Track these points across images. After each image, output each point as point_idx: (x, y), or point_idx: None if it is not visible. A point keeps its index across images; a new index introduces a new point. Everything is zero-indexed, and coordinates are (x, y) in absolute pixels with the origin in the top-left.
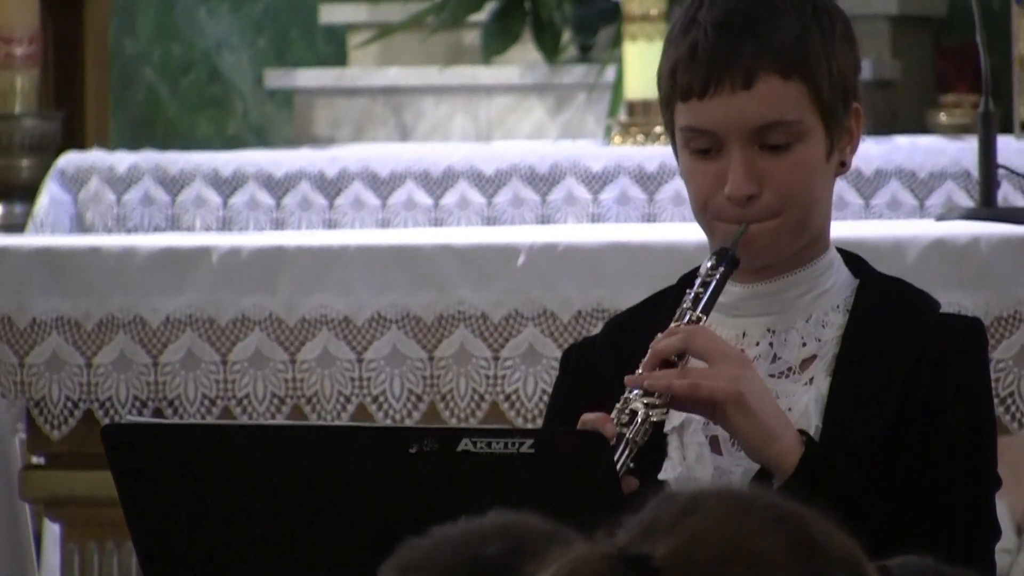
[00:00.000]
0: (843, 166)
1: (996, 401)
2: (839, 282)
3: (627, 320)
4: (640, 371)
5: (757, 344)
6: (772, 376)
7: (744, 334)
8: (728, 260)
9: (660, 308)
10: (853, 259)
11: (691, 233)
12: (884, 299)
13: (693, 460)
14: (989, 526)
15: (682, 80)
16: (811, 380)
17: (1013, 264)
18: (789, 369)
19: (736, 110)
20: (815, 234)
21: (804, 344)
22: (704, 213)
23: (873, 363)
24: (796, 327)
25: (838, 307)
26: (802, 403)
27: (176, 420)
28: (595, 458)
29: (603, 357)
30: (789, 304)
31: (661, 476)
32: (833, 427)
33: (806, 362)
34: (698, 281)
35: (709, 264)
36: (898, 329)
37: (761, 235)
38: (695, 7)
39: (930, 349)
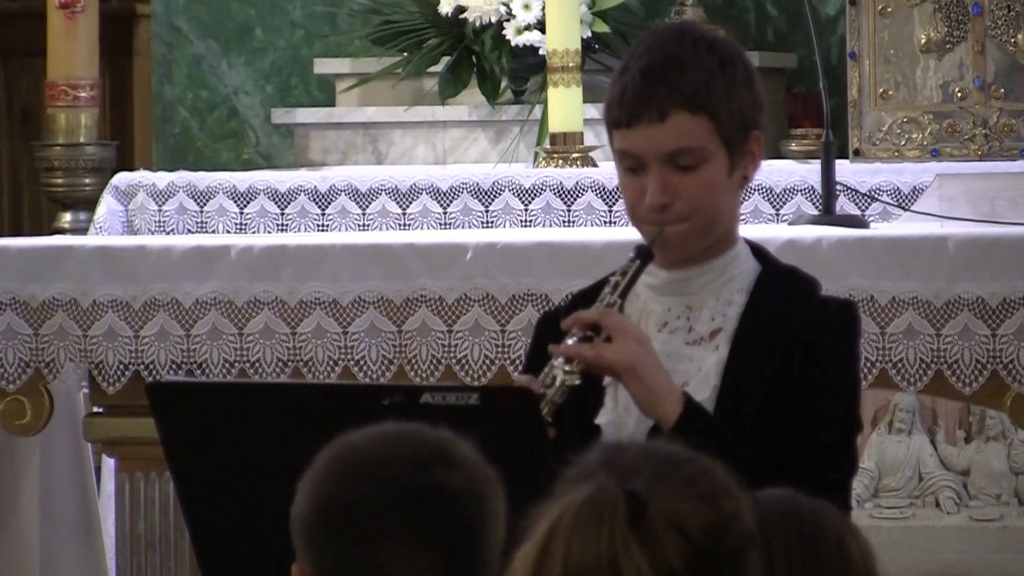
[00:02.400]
0: (745, 180)
1: None
2: (744, 270)
3: (585, 293)
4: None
5: (678, 318)
6: (688, 344)
7: (669, 309)
8: (644, 254)
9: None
10: (759, 250)
11: (600, 235)
12: (776, 284)
13: (622, 409)
14: (849, 463)
15: (615, 113)
16: (717, 348)
17: (847, 259)
18: (701, 339)
19: (653, 138)
20: (721, 234)
21: (713, 319)
22: (633, 217)
23: (763, 334)
24: (708, 305)
25: (742, 290)
26: (707, 365)
27: (203, 379)
28: (524, 410)
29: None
30: (703, 288)
31: (597, 421)
32: (728, 384)
33: (714, 333)
34: (619, 270)
35: (629, 257)
36: (784, 308)
37: (674, 236)
38: (630, 57)
39: (808, 324)
